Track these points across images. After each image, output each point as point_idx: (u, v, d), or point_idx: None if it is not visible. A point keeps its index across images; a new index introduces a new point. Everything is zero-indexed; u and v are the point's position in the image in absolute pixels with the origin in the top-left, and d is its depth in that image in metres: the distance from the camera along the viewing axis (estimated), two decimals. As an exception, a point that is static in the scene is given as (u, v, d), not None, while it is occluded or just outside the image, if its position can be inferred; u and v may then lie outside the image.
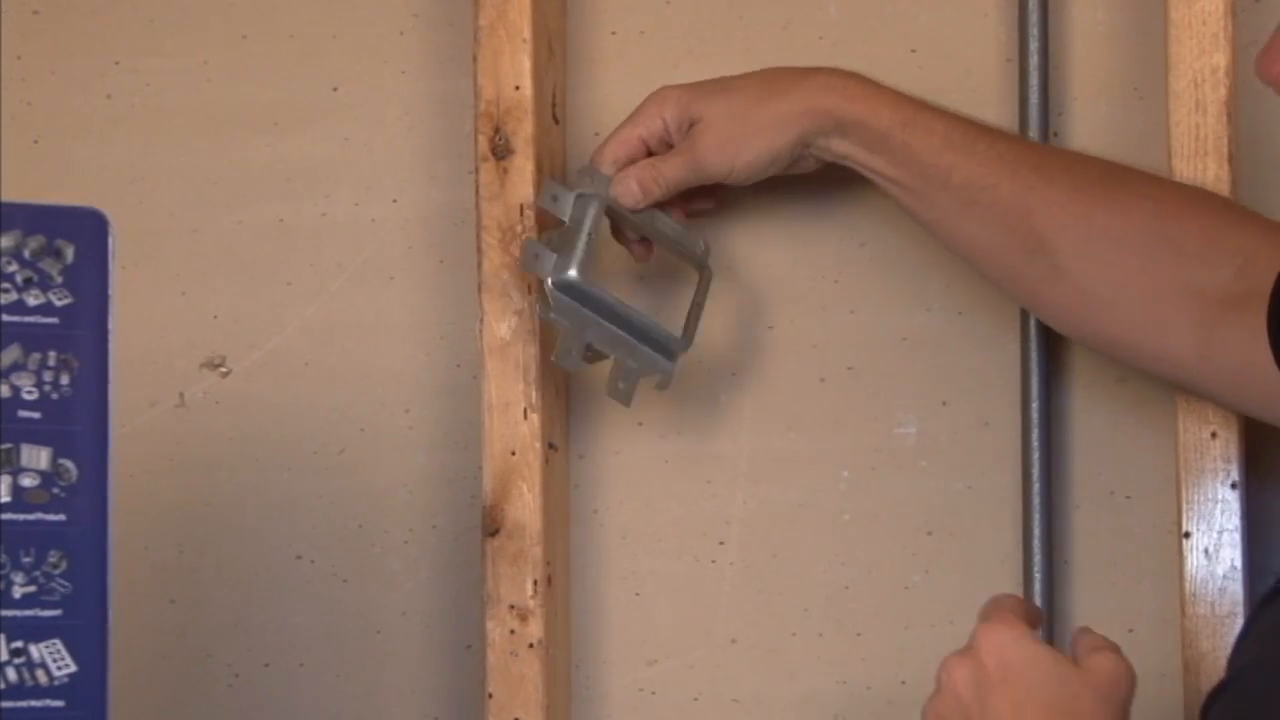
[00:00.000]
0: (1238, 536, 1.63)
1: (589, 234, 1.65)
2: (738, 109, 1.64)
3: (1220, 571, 1.63)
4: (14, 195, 1.32)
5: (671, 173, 1.65)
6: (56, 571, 1.28)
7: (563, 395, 1.74)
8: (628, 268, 1.74)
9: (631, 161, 1.66)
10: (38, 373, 1.28)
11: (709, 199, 1.70)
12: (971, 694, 1.38)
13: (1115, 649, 1.39)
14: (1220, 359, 1.57)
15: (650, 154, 1.66)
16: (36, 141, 1.82)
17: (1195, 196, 1.62)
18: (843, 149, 1.64)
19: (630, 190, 1.65)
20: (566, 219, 1.66)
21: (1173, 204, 1.60)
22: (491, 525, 1.68)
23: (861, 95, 1.63)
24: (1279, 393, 1.53)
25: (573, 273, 1.64)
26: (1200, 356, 1.58)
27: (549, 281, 1.65)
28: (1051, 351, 1.71)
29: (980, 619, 1.41)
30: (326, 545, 1.79)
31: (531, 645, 1.68)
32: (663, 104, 1.66)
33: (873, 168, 1.64)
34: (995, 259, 1.64)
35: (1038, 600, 1.69)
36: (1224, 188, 1.63)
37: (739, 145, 1.64)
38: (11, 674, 1.26)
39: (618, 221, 1.68)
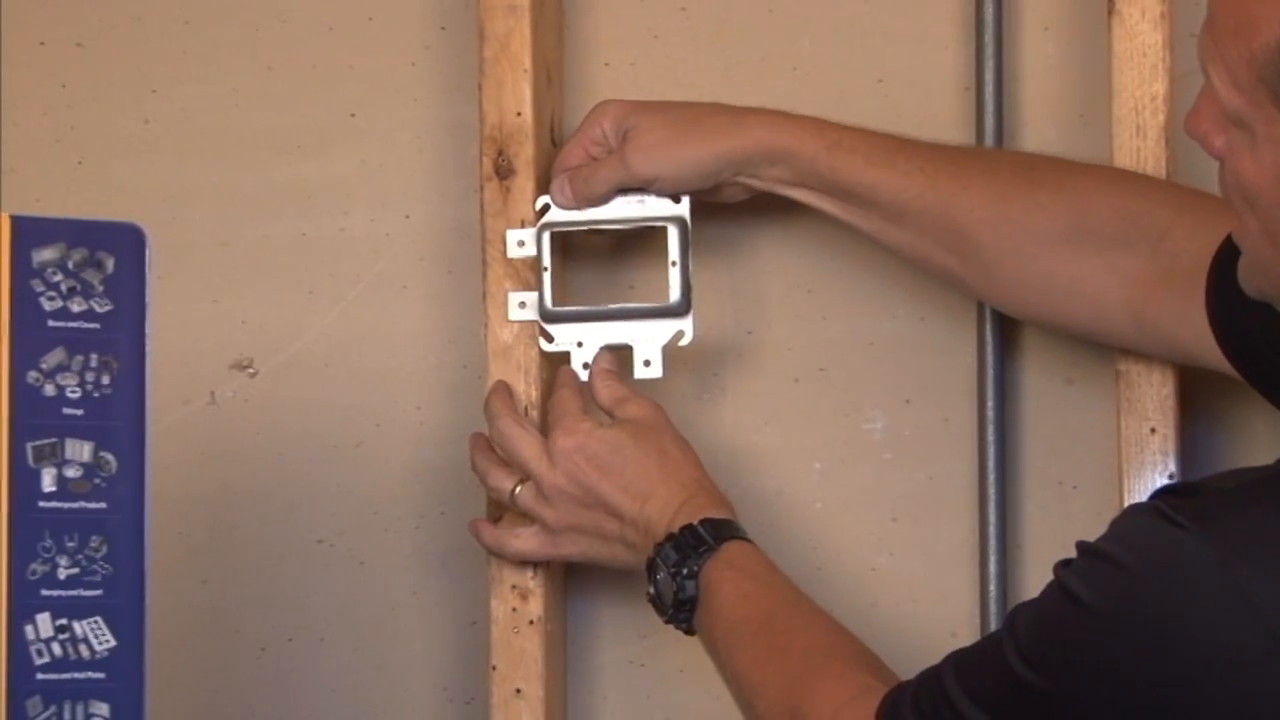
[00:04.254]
0: (1174, 523, 1.64)
1: (548, 265, 1.66)
2: (670, 121, 1.64)
3: (1158, 554, 1.63)
4: (59, 212, 1.32)
5: (601, 173, 1.65)
6: (98, 555, 1.28)
7: (561, 394, 1.74)
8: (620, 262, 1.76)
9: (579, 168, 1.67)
10: (80, 373, 1.29)
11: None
12: (579, 490, 1.61)
13: (633, 391, 1.65)
14: (1155, 330, 1.58)
15: (593, 159, 1.66)
16: (80, 163, 1.81)
17: (1111, 181, 1.62)
18: (774, 175, 1.64)
19: (564, 194, 1.67)
20: (535, 254, 1.67)
21: (1087, 193, 1.60)
22: (495, 512, 1.68)
23: (787, 126, 1.63)
24: (1214, 352, 1.53)
25: (548, 305, 1.66)
26: (1136, 329, 1.59)
27: (538, 322, 1.67)
28: (1005, 355, 1.71)
29: (551, 427, 1.62)
30: (345, 530, 1.79)
31: (531, 622, 1.67)
32: (602, 115, 1.66)
33: (805, 190, 1.64)
34: (933, 262, 1.64)
35: (993, 580, 1.69)
36: (1161, 204, 1.63)
37: (667, 152, 1.64)
38: (57, 648, 1.27)
39: (578, 227, 1.67)
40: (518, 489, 1.63)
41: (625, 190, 1.66)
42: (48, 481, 1.28)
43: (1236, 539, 1.22)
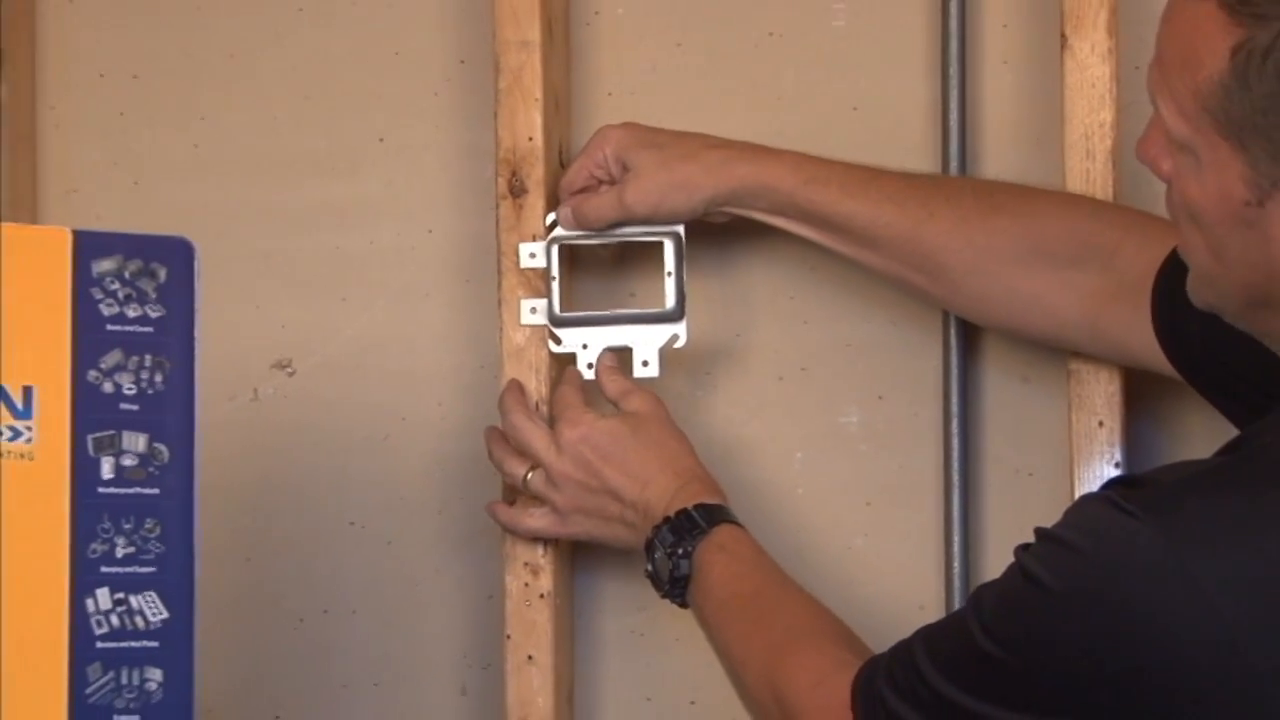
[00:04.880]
0: (1120, 507, 1.63)
1: (556, 275, 1.66)
2: (665, 161, 1.64)
3: (1106, 536, 1.63)
4: (117, 227, 1.32)
5: (603, 208, 1.65)
6: (152, 535, 1.28)
7: (568, 391, 1.74)
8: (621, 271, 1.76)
9: (585, 188, 1.67)
10: (136, 372, 1.28)
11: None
12: (585, 476, 1.61)
13: (635, 385, 1.65)
14: (1107, 338, 1.58)
15: (598, 180, 1.66)
16: (136, 183, 1.81)
17: (1064, 205, 1.61)
18: (757, 207, 1.64)
19: (566, 217, 1.67)
20: (545, 265, 1.67)
21: (1042, 217, 1.59)
22: (509, 496, 1.68)
23: (768, 162, 1.63)
24: (1159, 357, 1.53)
25: (556, 311, 1.66)
26: (1091, 338, 1.59)
27: (547, 326, 1.66)
28: (968, 356, 1.71)
29: (556, 420, 1.63)
30: (374, 514, 1.78)
31: (542, 596, 1.67)
32: (604, 142, 1.66)
33: (784, 219, 1.64)
34: (904, 281, 1.64)
35: (957, 559, 1.69)
36: (1109, 220, 1.63)
37: (662, 195, 1.63)
38: (115, 620, 1.26)
39: (583, 241, 1.67)
40: (529, 475, 1.63)
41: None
42: (106, 469, 1.27)
43: (1182, 526, 1.22)
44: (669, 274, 1.66)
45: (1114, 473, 1.62)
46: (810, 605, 1.51)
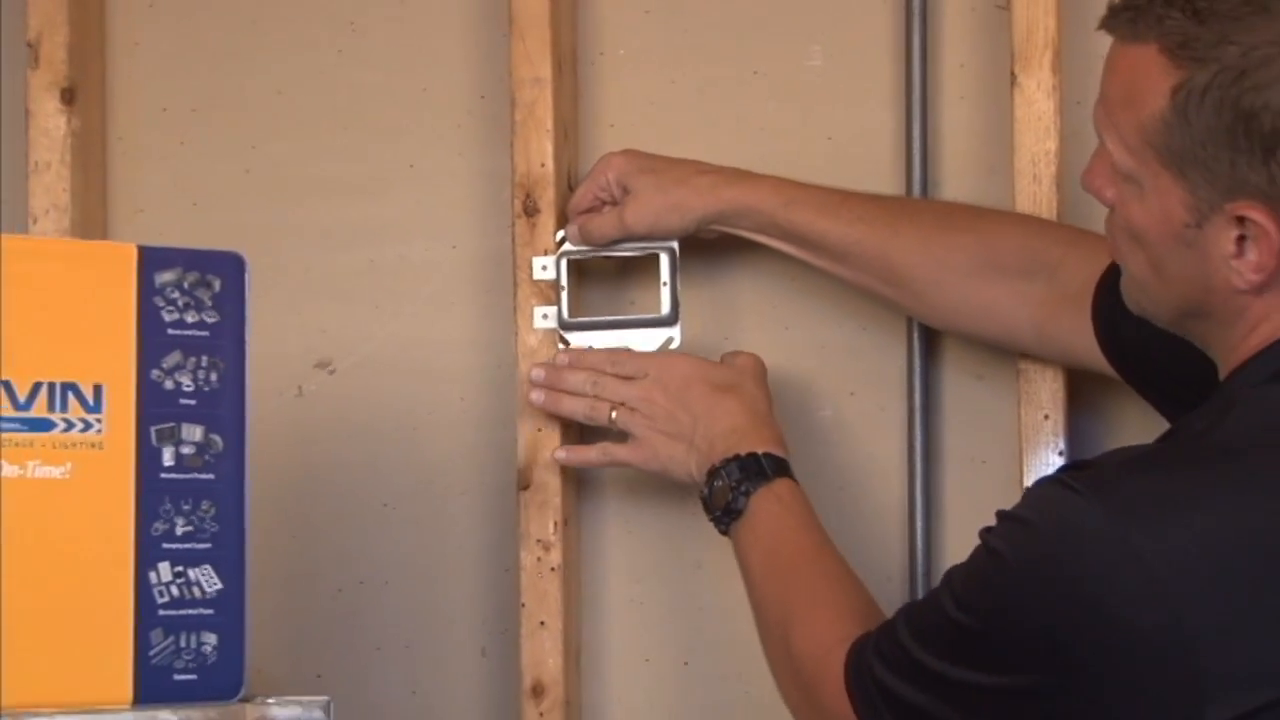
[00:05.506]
0: (1063, 490, 1.63)
1: (564, 285, 1.66)
2: (661, 186, 1.63)
3: (1050, 515, 1.63)
4: (177, 243, 1.31)
5: (606, 227, 1.65)
6: (207, 516, 1.28)
7: (576, 387, 1.74)
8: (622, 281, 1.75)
9: (590, 209, 1.66)
10: (193, 371, 1.29)
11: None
12: (675, 401, 1.58)
13: (748, 354, 1.62)
14: (1054, 342, 1.58)
15: (601, 201, 1.66)
16: (194, 204, 1.81)
17: (1014, 223, 1.61)
18: (742, 225, 1.64)
19: (574, 234, 1.67)
20: (555, 276, 1.67)
21: (995, 234, 1.59)
22: (524, 482, 1.68)
23: (753, 186, 1.63)
24: (1099, 358, 1.53)
25: (565, 317, 1.66)
26: (1038, 342, 1.59)
27: (557, 330, 1.66)
28: (928, 357, 1.70)
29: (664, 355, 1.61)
30: (404, 497, 1.78)
31: (553, 569, 1.68)
32: (607, 168, 1.65)
33: (766, 237, 1.63)
34: (873, 291, 1.64)
35: (919, 535, 1.68)
36: (1053, 235, 1.62)
37: (657, 216, 1.63)
38: (175, 590, 1.27)
39: (589, 255, 1.67)
40: (614, 414, 1.61)
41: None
42: (167, 457, 1.27)
43: (1121, 500, 1.22)
44: (665, 284, 1.66)
45: (1059, 461, 1.62)
46: (839, 577, 1.48)
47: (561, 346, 1.67)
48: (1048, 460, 1.63)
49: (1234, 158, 1.22)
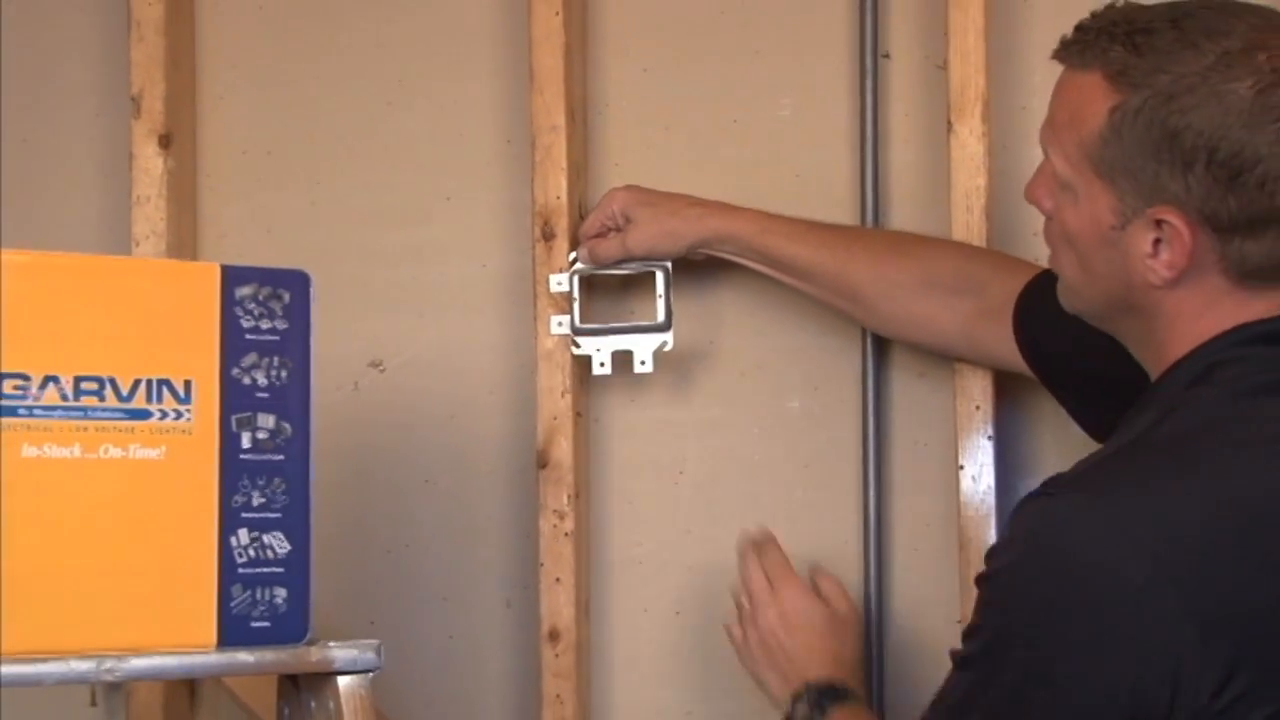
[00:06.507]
0: (991, 469, 1.62)
1: (576, 298, 1.66)
2: (657, 216, 1.63)
3: (980, 490, 1.62)
4: (254, 263, 1.31)
5: (611, 249, 1.64)
6: (279, 490, 1.28)
7: (586, 383, 1.72)
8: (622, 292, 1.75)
9: (598, 234, 1.66)
10: (267, 370, 1.28)
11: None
12: (778, 635, 1.51)
13: (847, 596, 1.55)
14: (980, 349, 1.57)
15: (607, 228, 1.66)
16: (269, 230, 1.80)
17: (950, 249, 1.60)
18: (725, 249, 1.63)
19: (584, 256, 1.66)
20: (568, 290, 1.67)
21: (934, 258, 1.58)
22: (542, 461, 1.68)
23: (735, 217, 1.62)
24: (1020, 361, 1.53)
25: (576, 324, 1.66)
26: (969, 347, 1.58)
27: (570, 335, 1.66)
28: (880, 359, 1.69)
29: (771, 577, 1.53)
30: (443, 473, 1.77)
31: (567, 534, 1.68)
32: (612, 200, 1.65)
33: (745, 259, 1.63)
34: (833, 304, 1.64)
35: (872, 509, 1.67)
36: (983, 254, 1.62)
37: (654, 241, 1.63)
38: (252, 552, 1.26)
39: (596, 272, 1.67)
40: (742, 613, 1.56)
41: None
42: (245, 441, 1.27)
43: (1091, 483, 1.19)
44: (660, 297, 1.66)
45: (988, 444, 1.62)
46: None
47: (574, 349, 1.66)
48: (979, 444, 1.62)
49: (1158, 169, 1.21)
